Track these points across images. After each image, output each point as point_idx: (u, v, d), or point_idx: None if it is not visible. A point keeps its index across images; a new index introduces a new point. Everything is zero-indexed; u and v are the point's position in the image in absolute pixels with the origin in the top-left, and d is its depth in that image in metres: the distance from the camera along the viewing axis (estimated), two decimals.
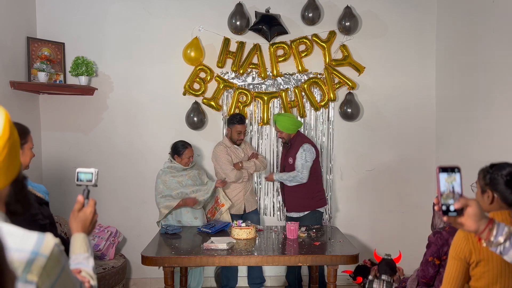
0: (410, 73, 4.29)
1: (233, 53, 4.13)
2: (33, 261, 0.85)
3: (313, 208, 3.78)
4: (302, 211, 3.79)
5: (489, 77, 3.38)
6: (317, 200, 3.80)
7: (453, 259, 1.57)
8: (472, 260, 1.54)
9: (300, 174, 3.66)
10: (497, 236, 1.22)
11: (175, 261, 2.94)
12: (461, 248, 1.55)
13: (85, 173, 1.34)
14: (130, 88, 4.16)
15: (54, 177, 4.05)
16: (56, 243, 0.90)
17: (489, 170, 1.66)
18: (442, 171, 1.21)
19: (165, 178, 3.70)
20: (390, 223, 4.35)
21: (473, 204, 1.20)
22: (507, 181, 1.58)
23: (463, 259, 1.55)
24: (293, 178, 3.70)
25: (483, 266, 1.53)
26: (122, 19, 4.13)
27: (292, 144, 3.78)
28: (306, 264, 3.04)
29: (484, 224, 1.22)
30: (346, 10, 4.10)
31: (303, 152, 3.67)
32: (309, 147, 3.70)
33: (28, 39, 3.82)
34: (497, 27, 3.27)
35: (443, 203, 1.20)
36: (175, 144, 3.81)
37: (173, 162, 3.76)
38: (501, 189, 1.59)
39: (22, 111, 3.77)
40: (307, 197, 3.75)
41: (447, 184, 1.20)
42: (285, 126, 3.72)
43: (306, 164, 3.67)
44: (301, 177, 3.67)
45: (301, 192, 3.74)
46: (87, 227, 1.28)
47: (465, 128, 3.75)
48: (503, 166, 1.61)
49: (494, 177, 1.62)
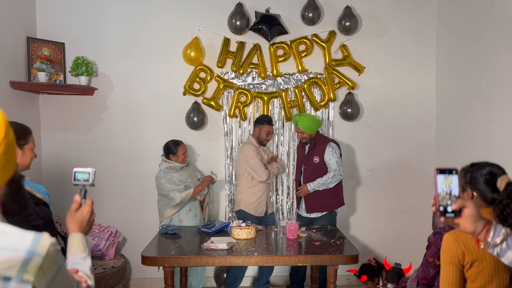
0: (410, 73, 4.29)
1: (233, 53, 4.13)
2: (29, 261, 0.84)
3: (334, 208, 3.79)
4: (323, 211, 3.77)
5: (489, 77, 3.38)
6: (339, 199, 3.81)
7: (448, 264, 1.56)
8: (466, 262, 1.54)
9: (338, 171, 3.67)
10: (494, 237, 1.23)
11: (175, 261, 2.94)
12: (453, 251, 1.55)
13: (82, 172, 1.34)
14: (130, 88, 4.17)
15: (54, 177, 4.05)
16: (53, 243, 0.90)
17: (470, 169, 1.68)
18: (440, 173, 1.22)
19: (169, 176, 3.69)
20: (390, 223, 4.35)
21: (470, 206, 1.21)
22: (487, 180, 1.60)
23: (457, 262, 1.55)
24: (331, 179, 3.68)
25: (478, 266, 1.53)
26: (122, 19, 4.13)
27: (316, 143, 3.77)
28: (306, 264, 3.03)
29: (481, 225, 1.22)
30: (346, 10, 4.10)
31: (332, 150, 3.69)
32: (335, 145, 3.74)
33: (28, 39, 3.82)
34: (497, 27, 3.27)
35: (440, 204, 1.21)
36: (167, 145, 3.80)
37: (171, 162, 3.76)
38: (481, 188, 1.60)
39: (22, 111, 3.78)
40: (331, 196, 3.74)
41: (445, 186, 1.21)
42: (307, 127, 3.71)
43: (340, 161, 3.70)
44: (340, 174, 3.69)
45: (326, 191, 3.73)
46: (84, 227, 1.27)
47: (465, 128, 3.74)
48: (483, 166, 1.63)
49: (474, 176, 1.64)
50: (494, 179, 1.56)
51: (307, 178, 3.76)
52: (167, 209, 3.70)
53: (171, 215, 3.70)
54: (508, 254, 1.25)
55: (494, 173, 1.58)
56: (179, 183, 3.67)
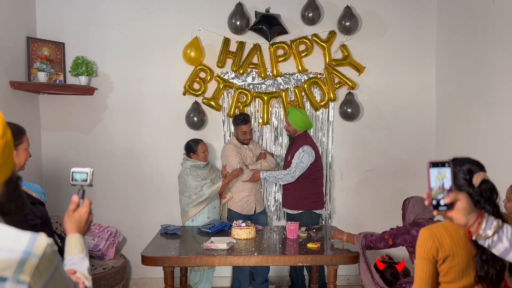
0: (410, 73, 4.28)
1: (233, 53, 4.13)
2: (25, 261, 0.84)
3: (306, 209, 3.76)
4: (295, 209, 3.78)
5: (489, 77, 3.37)
6: (311, 202, 3.76)
7: (422, 259, 1.61)
8: (439, 257, 1.59)
9: (291, 173, 3.65)
10: (486, 229, 1.26)
11: (175, 261, 2.94)
12: (428, 247, 1.59)
13: (80, 172, 1.33)
14: (130, 88, 4.16)
15: (53, 177, 4.05)
16: (49, 243, 0.90)
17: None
18: (432, 166, 1.24)
19: (195, 173, 3.71)
20: (390, 223, 4.32)
21: (462, 199, 1.23)
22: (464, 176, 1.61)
23: (431, 257, 1.59)
24: (283, 176, 3.68)
25: (450, 262, 1.58)
26: (122, 19, 4.13)
27: (295, 142, 3.77)
28: (306, 264, 3.03)
29: (474, 218, 1.25)
30: (346, 10, 4.10)
31: (302, 152, 3.65)
32: (308, 149, 3.67)
33: (28, 39, 3.82)
34: (497, 27, 3.26)
35: (433, 197, 1.24)
36: (187, 143, 3.84)
37: (194, 160, 3.77)
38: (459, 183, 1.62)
39: (22, 111, 3.78)
40: (300, 197, 3.74)
41: (438, 180, 1.23)
42: (294, 121, 3.70)
43: (301, 165, 3.64)
44: (291, 176, 3.66)
45: (294, 190, 3.74)
46: (82, 227, 1.27)
47: (465, 128, 3.74)
48: (463, 162, 1.65)
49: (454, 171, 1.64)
50: (471, 175, 1.58)
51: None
52: (191, 208, 3.69)
53: (195, 214, 3.69)
54: (499, 246, 1.28)
55: (472, 170, 1.60)
56: (206, 179, 3.71)
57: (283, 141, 4.27)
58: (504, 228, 1.28)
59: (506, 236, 1.28)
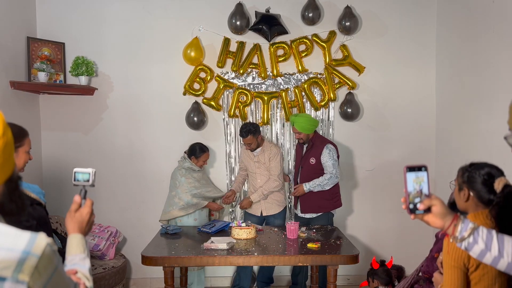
0: (410, 73, 4.28)
1: (233, 53, 4.13)
2: (24, 261, 0.84)
3: (328, 210, 3.78)
4: (317, 212, 3.77)
5: (489, 77, 3.37)
6: (334, 201, 3.79)
7: (453, 267, 1.53)
8: (471, 264, 1.52)
9: (334, 174, 3.67)
10: (462, 231, 1.27)
11: (175, 261, 2.95)
12: (459, 254, 1.52)
13: (82, 173, 1.33)
14: (130, 88, 4.16)
15: (54, 177, 4.05)
16: (49, 243, 0.89)
17: (468, 168, 1.67)
18: (409, 171, 1.25)
19: (189, 175, 3.76)
20: (390, 223, 4.34)
21: (437, 203, 1.26)
22: (484, 180, 1.59)
23: (462, 265, 1.52)
24: (327, 181, 3.67)
25: (482, 269, 1.51)
26: (122, 19, 4.13)
27: (313, 144, 3.75)
28: (306, 264, 3.03)
29: (449, 221, 1.27)
30: (346, 10, 4.10)
31: (330, 151, 3.68)
32: (332, 147, 3.73)
33: (28, 39, 3.82)
34: (497, 27, 3.26)
35: (410, 201, 1.26)
36: (194, 146, 3.87)
37: (192, 163, 3.81)
38: (477, 188, 1.60)
39: (22, 111, 3.78)
40: (326, 198, 3.73)
41: (415, 184, 1.25)
42: (303, 127, 3.68)
43: (336, 163, 3.69)
44: (336, 176, 3.68)
45: (320, 192, 3.72)
46: (83, 227, 1.27)
47: (465, 128, 3.74)
48: (482, 166, 1.63)
49: (472, 176, 1.63)
50: (491, 180, 1.56)
51: (304, 178, 3.76)
52: (175, 210, 3.71)
53: (177, 217, 3.72)
54: (475, 248, 1.28)
55: (492, 174, 1.58)
56: (196, 182, 3.77)
57: (283, 141, 4.27)
58: (479, 230, 1.28)
59: (481, 238, 1.27)
